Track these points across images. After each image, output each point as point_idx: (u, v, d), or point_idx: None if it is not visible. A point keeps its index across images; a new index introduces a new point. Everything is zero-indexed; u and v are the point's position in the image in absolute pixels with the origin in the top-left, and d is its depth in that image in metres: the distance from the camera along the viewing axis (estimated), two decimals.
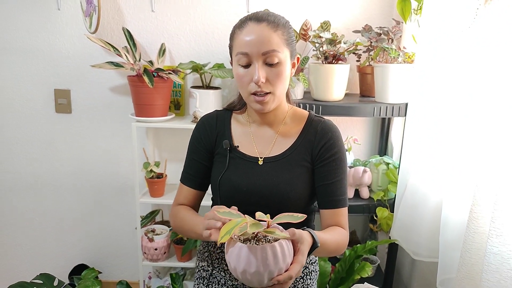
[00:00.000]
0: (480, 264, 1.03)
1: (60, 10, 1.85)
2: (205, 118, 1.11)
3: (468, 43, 1.15)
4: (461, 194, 1.20)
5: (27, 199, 2.10)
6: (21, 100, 1.97)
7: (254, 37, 0.91)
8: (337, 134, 1.04)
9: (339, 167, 1.01)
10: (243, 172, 1.02)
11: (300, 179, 1.01)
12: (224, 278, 1.07)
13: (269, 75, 0.93)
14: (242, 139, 1.07)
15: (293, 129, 1.06)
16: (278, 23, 0.93)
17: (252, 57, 0.92)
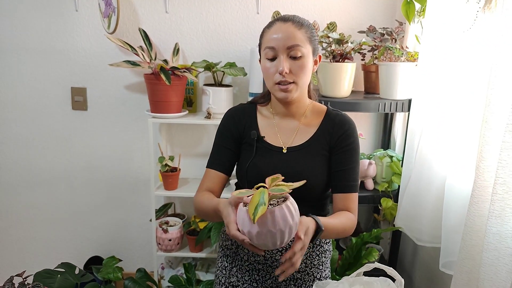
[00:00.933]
0: (480, 245, 1.13)
1: (77, 11, 1.93)
2: (233, 110, 1.20)
3: (468, 43, 1.24)
4: (461, 184, 1.30)
5: (43, 194, 2.17)
6: (39, 98, 2.05)
7: (280, 33, 1.03)
8: (353, 126, 1.15)
9: (353, 155, 1.12)
10: (269, 160, 1.11)
11: (320, 166, 1.11)
12: (247, 255, 1.16)
13: (292, 67, 1.03)
14: (267, 130, 1.15)
15: (313, 121, 1.15)
16: (302, 23, 1.05)
17: (278, 51, 1.03)
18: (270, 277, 1.16)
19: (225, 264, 1.21)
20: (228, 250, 1.20)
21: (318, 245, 1.19)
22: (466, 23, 1.22)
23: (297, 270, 1.14)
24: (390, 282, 1.01)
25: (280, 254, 1.13)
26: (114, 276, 1.65)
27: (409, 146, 1.63)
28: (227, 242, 1.21)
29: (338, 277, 1.57)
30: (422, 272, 1.82)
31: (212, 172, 1.16)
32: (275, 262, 1.14)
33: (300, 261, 0.92)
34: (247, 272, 1.17)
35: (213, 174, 1.16)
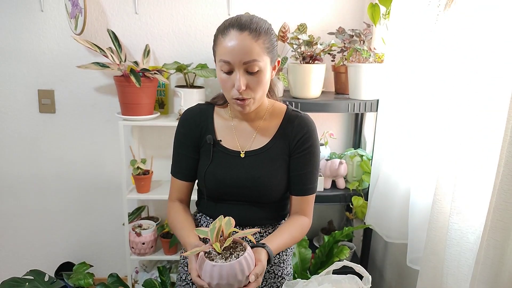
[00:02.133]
0: (444, 241, 1.17)
1: (43, 11, 1.88)
2: (189, 113, 1.15)
3: (430, 44, 1.28)
4: (426, 180, 1.34)
5: (10, 200, 2.11)
6: (4, 101, 1.98)
7: (236, 47, 0.95)
8: (312, 128, 1.12)
9: (311, 159, 1.11)
10: (227, 165, 1.10)
11: (279, 170, 1.10)
12: None
13: (249, 83, 0.98)
14: (224, 133, 1.13)
15: (272, 123, 1.13)
16: (260, 32, 0.97)
17: (234, 65, 0.97)
18: None
19: (186, 262, 1.20)
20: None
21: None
22: (428, 25, 1.27)
23: None
24: (358, 279, 1.03)
25: None
26: (85, 282, 1.62)
27: (378, 145, 1.67)
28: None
29: (310, 276, 1.59)
30: (392, 268, 1.87)
31: (177, 181, 1.16)
32: None
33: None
34: None
35: (178, 183, 1.16)
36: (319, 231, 2.17)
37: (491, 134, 0.97)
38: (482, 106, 0.99)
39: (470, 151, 1.03)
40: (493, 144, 0.96)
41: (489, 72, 0.96)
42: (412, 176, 1.41)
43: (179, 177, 1.15)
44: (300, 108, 1.67)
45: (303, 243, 1.77)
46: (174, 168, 1.16)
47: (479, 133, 1.00)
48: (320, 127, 2.06)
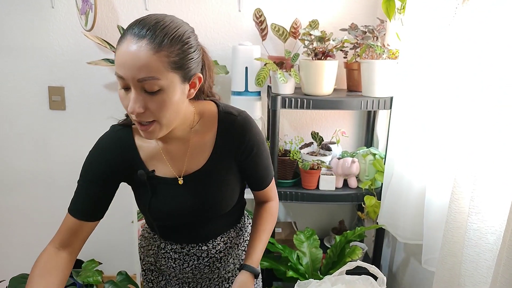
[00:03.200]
0: (461, 241, 1.13)
1: (54, 8, 1.87)
2: (106, 143, 0.95)
3: (448, 39, 1.25)
4: (443, 179, 1.30)
5: (20, 196, 2.11)
6: (15, 97, 1.98)
7: (129, 59, 0.75)
8: (253, 130, 0.98)
9: (262, 157, 1.03)
10: (169, 196, 0.97)
11: (229, 185, 1.01)
12: (174, 272, 1.11)
13: (149, 104, 0.79)
14: (154, 160, 0.96)
15: (206, 136, 0.97)
16: (163, 41, 0.76)
17: (127, 82, 0.77)
18: (202, 286, 1.14)
19: (150, 277, 1.16)
20: (151, 265, 1.15)
21: (244, 242, 1.18)
22: (446, 19, 1.23)
23: (226, 270, 1.15)
24: (372, 280, 1.00)
25: (209, 269, 1.10)
26: (93, 279, 1.61)
27: (391, 144, 1.63)
28: (149, 258, 1.14)
29: (321, 276, 1.56)
30: (405, 269, 1.83)
31: (71, 219, 0.93)
32: (204, 274, 1.11)
33: None
34: (177, 284, 1.14)
35: (71, 222, 0.93)
36: (330, 231, 2.14)
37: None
38: (502, 102, 0.95)
39: (490, 149, 1.00)
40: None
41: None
42: (428, 175, 1.37)
43: (76, 215, 0.92)
44: (312, 105, 1.64)
45: (313, 243, 1.73)
46: (75, 205, 0.94)
47: (499, 131, 0.97)
48: (331, 125, 2.06)
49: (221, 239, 1.09)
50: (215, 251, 1.09)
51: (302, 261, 1.67)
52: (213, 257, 1.09)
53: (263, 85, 1.67)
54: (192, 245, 1.07)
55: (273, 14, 1.88)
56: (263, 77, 1.64)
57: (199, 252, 1.07)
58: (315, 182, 1.81)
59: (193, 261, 1.08)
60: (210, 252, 1.08)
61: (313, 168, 1.78)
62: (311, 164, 1.76)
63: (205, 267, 1.09)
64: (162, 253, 1.10)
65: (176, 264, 1.09)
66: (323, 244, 2.06)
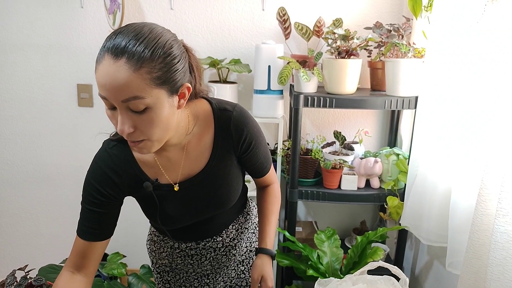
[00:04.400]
0: (488, 244, 1.10)
1: (83, 8, 1.93)
2: (105, 163, 0.91)
3: (476, 37, 1.22)
4: (469, 180, 1.27)
5: (49, 190, 2.19)
6: (45, 95, 2.06)
7: (109, 80, 0.70)
8: (250, 123, 0.98)
9: (260, 146, 1.03)
10: (172, 203, 0.97)
11: (233, 179, 1.02)
12: (192, 268, 1.13)
13: (137, 123, 0.75)
14: (153, 169, 0.94)
15: (204, 137, 0.95)
16: (142, 58, 0.70)
17: (112, 102, 0.73)
18: (220, 275, 1.17)
19: (166, 278, 1.18)
20: (166, 267, 1.17)
21: (252, 225, 1.22)
22: (474, 17, 1.20)
23: (240, 254, 1.19)
24: (395, 281, 0.99)
25: (226, 257, 1.14)
26: (118, 272, 1.66)
27: (416, 144, 1.60)
28: (163, 261, 1.15)
29: (342, 276, 1.55)
30: (428, 272, 1.80)
31: (82, 242, 0.91)
32: (222, 263, 1.15)
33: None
34: (196, 280, 1.16)
35: (83, 245, 0.91)
36: (351, 231, 2.12)
37: None
38: None
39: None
40: None
41: None
42: (454, 176, 1.34)
43: (88, 237, 0.90)
44: (335, 104, 1.63)
45: (334, 243, 1.72)
46: (80, 226, 0.92)
47: None
48: (354, 124, 2.04)
49: (233, 227, 1.13)
50: (229, 239, 1.12)
51: (322, 261, 1.66)
52: (228, 245, 1.12)
53: (285, 84, 1.67)
54: (207, 239, 1.09)
55: (296, 13, 1.88)
56: (286, 75, 1.64)
57: (215, 244, 1.10)
58: (336, 181, 1.79)
59: (210, 254, 1.11)
60: (225, 242, 1.11)
61: (335, 168, 1.77)
62: (333, 163, 1.75)
63: (222, 256, 1.13)
64: (177, 252, 1.11)
65: (193, 260, 1.11)
66: (344, 244, 2.04)
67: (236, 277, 1.20)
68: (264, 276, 1.03)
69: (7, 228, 2.24)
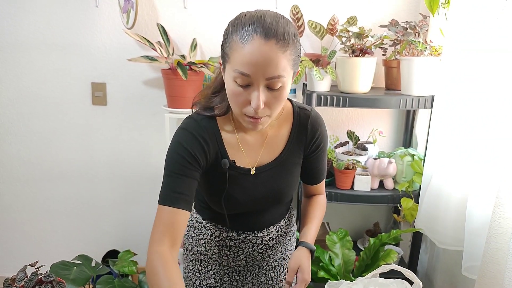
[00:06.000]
0: (506, 249, 1.07)
1: (98, 7, 1.95)
2: (196, 130, 0.95)
3: (496, 35, 1.17)
4: (487, 183, 1.23)
5: (64, 188, 2.21)
6: (59, 93, 2.08)
7: (261, 59, 0.78)
8: (324, 126, 1.07)
9: (324, 154, 1.11)
10: (243, 187, 1.01)
11: (296, 178, 1.08)
12: (226, 260, 1.13)
13: (268, 99, 0.83)
14: (233, 150, 0.99)
15: (282, 129, 1.03)
16: (288, 40, 0.80)
17: (253, 80, 0.81)
18: (251, 274, 1.16)
19: (198, 268, 1.17)
20: (201, 255, 1.16)
21: (290, 232, 1.21)
22: (494, 13, 1.16)
23: (274, 259, 1.19)
24: (407, 285, 0.96)
25: (261, 256, 1.14)
26: (129, 269, 1.66)
27: (431, 144, 1.56)
28: (199, 248, 1.15)
29: (353, 279, 1.52)
30: (443, 276, 1.75)
31: (175, 212, 0.88)
32: (256, 262, 1.14)
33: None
34: (226, 274, 1.15)
35: (176, 215, 0.88)
36: (363, 233, 2.08)
37: None
38: None
39: None
40: None
41: None
42: (471, 178, 1.30)
43: (180, 205, 0.89)
44: (348, 103, 1.60)
45: (346, 244, 1.70)
46: (171, 193, 0.90)
47: None
48: (368, 124, 2.01)
49: (274, 227, 1.13)
50: (269, 238, 1.12)
51: (334, 262, 1.63)
52: (266, 244, 1.12)
53: (298, 82, 1.65)
54: (249, 232, 1.10)
55: (310, 11, 1.85)
56: (299, 74, 1.62)
57: (255, 239, 1.10)
58: (349, 182, 1.77)
59: (248, 248, 1.11)
60: (264, 239, 1.11)
61: (348, 168, 1.74)
62: (346, 163, 1.73)
63: (258, 254, 1.12)
64: (216, 241, 1.12)
65: (230, 251, 1.11)
66: (356, 246, 2.01)
67: (265, 282, 1.19)
68: (301, 267, 1.00)
69: (23, 224, 2.28)
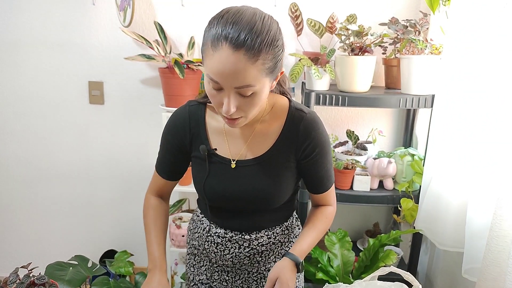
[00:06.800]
0: (507, 251, 1.05)
1: (94, 5, 1.93)
2: (177, 117, 1.03)
3: (497, 32, 1.15)
4: (487, 185, 1.21)
5: (61, 187, 2.20)
6: (56, 92, 2.06)
7: (227, 69, 0.78)
8: (320, 130, 1.00)
9: (324, 159, 1.02)
10: (223, 177, 1.00)
11: (283, 180, 1.01)
12: (215, 258, 1.11)
13: (241, 104, 0.84)
14: (218, 139, 1.01)
15: (272, 126, 0.99)
16: (260, 50, 0.78)
17: (222, 86, 0.81)
18: (240, 278, 1.13)
19: (192, 262, 1.18)
20: (195, 249, 1.16)
21: (289, 243, 1.15)
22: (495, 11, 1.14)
23: (266, 267, 1.14)
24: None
25: (248, 260, 1.10)
26: (125, 270, 1.65)
27: (431, 144, 1.54)
28: (194, 242, 1.15)
29: (352, 280, 1.50)
30: (443, 278, 1.73)
31: (160, 178, 1.10)
32: (243, 265, 1.11)
33: None
34: (216, 272, 1.14)
35: (161, 181, 1.10)
36: (363, 233, 2.06)
37: None
38: None
39: None
40: None
41: None
42: (472, 180, 1.28)
43: (163, 176, 1.09)
44: (347, 102, 1.58)
45: (346, 245, 1.68)
46: (159, 165, 1.10)
47: None
48: (368, 123, 1.99)
49: (265, 233, 1.09)
50: (257, 243, 1.08)
51: (333, 263, 1.62)
52: (254, 249, 1.09)
53: (296, 81, 1.63)
54: (235, 232, 1.08)
55: (308, 9, 1.83)
56: (297, 72, 1.60)
57: (241, 241, 1.08)
58: (348, 182, 1.75)
59: (234, 249, 1.08)
60: (252, 243, 1.08)
61: (347, 168, 1.72)
62: (345, 163, 1.71)
63: (245, 257, 1.09)
64: (206, 236, 1.11)
65: (217, 249, 1.09)
66: (356, 246, 1.99)
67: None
68: (280, 278, 0.94)
69: (20, 224, 2.27)
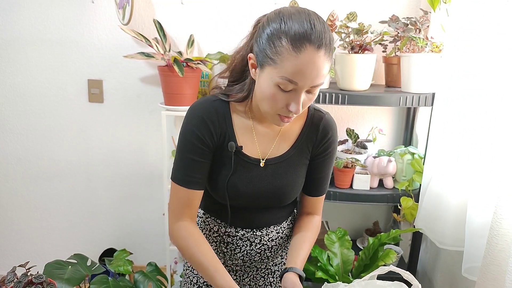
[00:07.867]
0: (507, 250, 1.04)
1: (93, 3, 1.92)
2: (204, 112, 0.96)
3: (499, 30, 1.14)
4: (488, 183, 1.20)
5: (60, 186, 2.19)
6: (56, 90, 2.06)
7: (313, 70, 0.80)
8: (336, 131, 1.05)
9: (331, 161, 1.07)
10: (248, 176, 1.00)
11: (301, 177, 1.05)
12: (223, 258, 1.11)
13: (304, 101, 0.87)
14: (244, 137, 0.99)
15: (295, 125, 1.02)
16: (331, 47, 0.83)
17: (299, 87, 0.82)
18: (248, 276, 1.13)
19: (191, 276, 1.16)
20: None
21: (291, 237, 1.15)
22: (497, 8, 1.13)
23: (274, 262, 1.15)
24: (406, 287, 0.94)
25: (259, 256, 1.10)
26: (124, 269, 1.64)
27: (432, 143, 1.53)
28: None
29: (351, 279, 1.50)
30: (443, 277, 1.73)
31: (189, 192, 0.97)
32: (254, 263, 1.11)
33: None
34: None
35: (190, 195, 0.97)
36: (363, 232, 2.06)
37: None
38: None
39: None
40: None
41: None
42: (472, 178, 1.27)
43: (194, 186, 0.96)
44: (347, 100, 1.58)
45: (345, 244, 1.67)
46: (184, 176, 0.96)
47: None
48: (368, 122, 1.98)
49: (274, 228, 1.10)
50: (268, 239, 1.09)
51: (332, 262, 1.61)
52: (265, 245, 1.09)
53: None
54: (247, 229, 1.08)
55: (308, 6, 1.81)
56: None
57: (253, 237, 1.08)
58: (348, 181, 1.74)
59: (246, 247, 1.08)
60: (263, 239, 1.08)
61: (347, 167, 1.71)
62: (345, 162, 1.70)
63: (256, 254, 1.09)
64: (214, 236, 1.10)
65: (227, 249, 1.09)
66: (356, 245, 1.99)
67: (263, 286, 1.17)
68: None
69: (19, 222, 2.26)
